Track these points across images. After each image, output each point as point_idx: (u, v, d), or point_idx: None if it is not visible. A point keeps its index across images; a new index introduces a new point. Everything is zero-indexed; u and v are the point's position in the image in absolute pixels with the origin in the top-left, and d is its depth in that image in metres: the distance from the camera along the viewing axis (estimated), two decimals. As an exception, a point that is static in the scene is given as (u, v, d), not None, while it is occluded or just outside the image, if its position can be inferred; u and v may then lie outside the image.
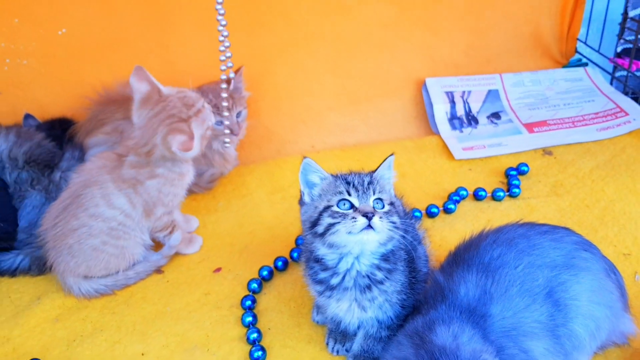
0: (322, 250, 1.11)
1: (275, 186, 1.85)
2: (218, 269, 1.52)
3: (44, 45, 1.87)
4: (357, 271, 1.11)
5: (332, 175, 1.14)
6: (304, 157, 1.13)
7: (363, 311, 1.13)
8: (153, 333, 1.34)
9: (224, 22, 1.54)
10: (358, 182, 1.10)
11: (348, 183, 1.10)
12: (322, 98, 2.08)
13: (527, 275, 1.10)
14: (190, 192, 1.76)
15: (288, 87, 2.06)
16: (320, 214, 1.09)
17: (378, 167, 1.14)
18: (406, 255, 1.17)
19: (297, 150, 2.01)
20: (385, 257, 1.12)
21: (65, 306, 1.44)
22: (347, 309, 1.14)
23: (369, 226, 1.05)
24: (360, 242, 1.08)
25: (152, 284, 1.48)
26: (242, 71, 1.78)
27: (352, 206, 1.07)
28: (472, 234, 1.22)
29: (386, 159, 1.15)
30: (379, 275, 1.12)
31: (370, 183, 1.11)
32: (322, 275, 1.13)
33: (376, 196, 1.09)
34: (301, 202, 1.15)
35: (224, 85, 1.61)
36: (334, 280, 1.12)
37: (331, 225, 1.07)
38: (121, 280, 1.48)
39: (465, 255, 1.16)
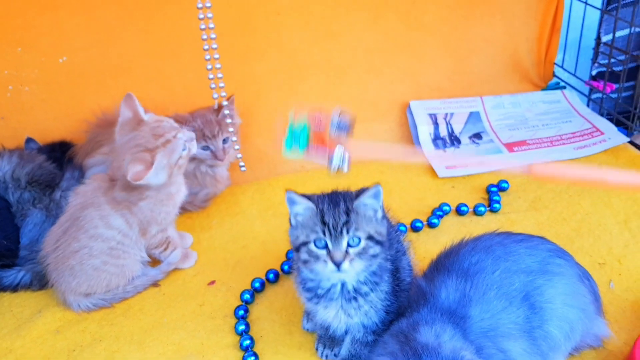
0: (305, 271, 1.17)
1: (267, 204, 1.90)
2: (212, 282, 1.57)
3: (45, 73, 1.93)
4: (343, 286, 1.17)
5: (313, 203, 1.14)
6: (287, 191, 1.15)
7: (349, 317, 1.18)
8: (150, 342, 1.38)
9: (215, 46, 1.62)
10: (333, 224, 1.10)
11: (324, 223, 1.10)
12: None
13: (504, 280, 1.16)
14: (185, 210, 1.82)
15: (279, 111, 2.12)
16: (299, 246, 1.14)
17: (361, 195, 1.13)
18: (391, 266, 1.23)
19: (288, 170, 2.07)
20: (371, 274, 1.17)
21: (65, 319, 1.48)
22: (334, 316, 1.19)
23: (338, 270, 1.10)
24: (337, 278, 1.15)
25: (149, 296, 1.53)
26: (233, 99, 1.83)
27: (326, 245, 1.11)
28: (453, 243, 1.28)
29: (370, 188, 1.13)
30: (365, 288, 1.17)
31: (345, 223, 1.10)
32: (310, 284, 1.19)
33: (352, 235, 1.10)
34: (290, 222, 1.19)
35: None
36: (321, 291, 1.18)
37: (307, 261, 1.13)
38: (119, 294, 1.52)
39: (446, 262, 1.22)
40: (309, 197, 1.14)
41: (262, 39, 2.06)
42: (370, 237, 1.11)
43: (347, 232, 1.09)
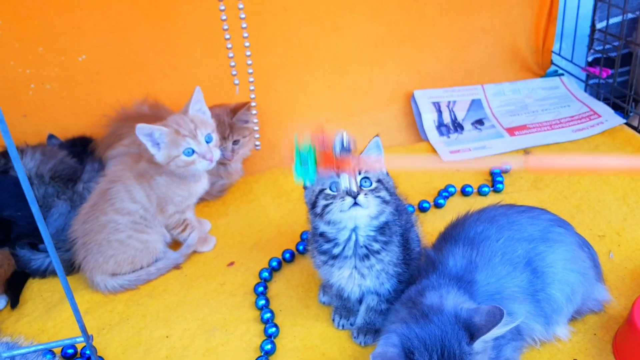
0: (322, 227, 1.24)
1: (280, 191, 1.96)
2: (231, 263, 1.63)
3: (65, 71, 2.00)
4: (356, 242, 1.23)
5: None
6: None
7: (362, 278, 1.25)
8: (175, 319, 1.44)
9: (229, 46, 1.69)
10: None
11: None
12: (320, 111, 2.21)
13: (508, 247, 1.22)
14: (202, 199, 1.89)
15: (289, 102, 2.19)
16: (317, 196, 1.20)
17: (365, 149, 1.21)
18: (401, 236, 1.29)
19: (298, 160, 2.13)
20: (381, 231, 1.23)
21: (93, 301, 1.54)
22: (348, 277, 1.25)
23: (356, 203, 1.17)
24: (352, 218, 1.20)
25: (172, 278, 1.59)
26: (248, 106, 1.88)
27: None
28: (459, 215, 1.34)
29: (371, 141, 1.22)
30: (376, 246, 1.23)
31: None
32: (326, 246, 1.25)
33: (362, 175, 1.18)
34: (304, 187, 1.26)
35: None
36: (336, 250, 1.24)
37: (326, 206, 1.19)
38: (143, 275, 1.59)
39: (453, 232, 1.28)
40: None
41: (270, 34, 2.12)
42: (379, 181, 1.19)
43: (359, 173, 1.17)
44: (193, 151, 1.53)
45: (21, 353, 0.54)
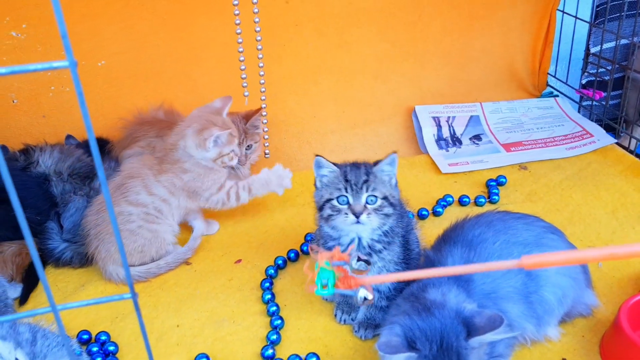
0: (326, 229, 1.29)
1: (285, 196, 2.00)
2: (239, 261, 1.68)
3: (85, 75, 2.06)
4: (359, 244, 1.29)
5: (338, 168, 1.29)
6: (316, 156, 1.30)
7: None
8: (186, 310, 1.49)
9: (242, 59, 1.76)
10: (354, 182, 1.24)
11: (347, 181, 1.25)
12: (325, 122, 2.27)
13: (504, 250, 1.27)
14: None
15: (295, 113, 2.25)
16: (324, 203, 1.27)
17: (379, 162, 1.28)
18: (402, 237, 1.35)
19: (302, 167, 2.18)
20: (384, 234, 1.29)
21: (107, 291, 1.59)
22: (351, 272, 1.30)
23: (358, 222, 1.23)
24: (354, 231, 1.27)
25: (182, 272, 1.64)
26: (261, 112, 1.95)
27: (347, 201, 1.25)
28: (458, 219, 1.40)
29: (387, 156, 1.28)
30: (378, 246, 1.29)
31: (365, 182, 1.24)
32: (331, 243, 1.30)
33: (369, 193, 1.24)
34: (315, 185, 1.32)
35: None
36: (340, 248, 1.29)
37: (330, 215, 1.25)
38: (153, 269, 1.63)
39: (452, 235, 1.34)
40: (333, 163, 1.28)
41: (281, 47, 2.19)
42: (385, 198, 1.24)
43: (366, 190, 1.23)
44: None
45: (74, 306, 0.59)
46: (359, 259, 1.01)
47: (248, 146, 1.94)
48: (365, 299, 0.98)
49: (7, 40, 1.95)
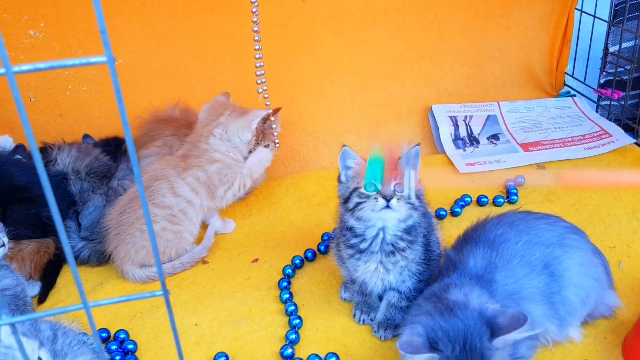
0: (351, 222, 1.28)
1: (301, 195, 2.01)
2: (256, 260, 1.68)
3: (102, 74, 2.07)
4: (383, 239, 1.28)
5: (364, 160, 1.27)
6: (343, 145, 1.30)
7: (387, 273, 1.29)
8: (204, 309, 1.49)
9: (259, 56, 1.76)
10: None
11: None
12: (341, 122, 2.26)
13: (526, 250, 1.26)
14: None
15: (311, 112, 2.25)
16: (351, 193, 1.26)
17: (404, 155, 1.27)
18: (424, 237, 1.34)
19: (318, 166, 2.18)
20: (407, 231, 1.28)
21: (125, 290, 1.59)
22: (373, 270, 1.29)
23: (388, 206, 1.22)
24: (382, 219, 1.25)
25: (199, 271, 1.64)
26: (279, 113, 1.94)
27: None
28: (479, 219, 1.39)
29: (412, 148, 1.27)
30: (402, 244, 1.28)
31: None
32: (353, 240, 1.30)
33: (397, 181, 1.24)
34: (339, 180, 1.31)
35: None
36: (363, 245, 1.29)
37: (358, 203, 1.24)
38: (168, 269, 1.63)
39: (473, 234, 1.32)
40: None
41: (297, 46, 2.19)
42: None
43: (395, 178, 1.22)
44: None
45: (106, 303, 0.59)
46: None
47: (265, 146, 1.94)
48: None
49: (25, 39, 1.96)
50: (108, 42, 0.47)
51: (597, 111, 2.41)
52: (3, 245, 1.49)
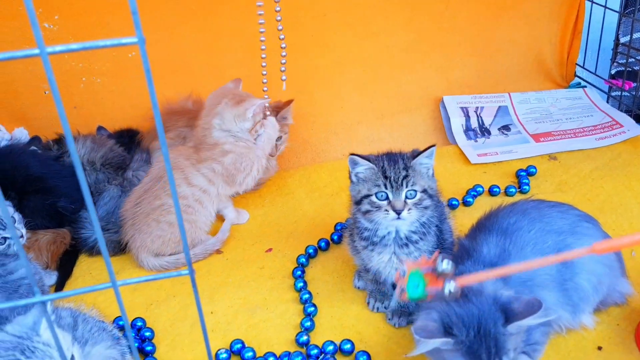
0: (362, 221, 1.30)
1: (313, 187, 2.03)
2: (269, 249, 1.69)
3: (115, 66, 2.09)
4: (396, 235, 1.29)
5: (374, 163, 1.26)
6: (350, 155, 1.28)
7: (400, 263, 1.30)
8: (219, 298, 1.51)
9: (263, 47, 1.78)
10: (394, 178, 1.23)
11: (386, 177, 1.24)
12: (352, 113, 2.27)
13: (539, 238, 1.27)
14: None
15: (322, 104, 2.26)
16: (362, 198, 1.26)
17: (419, 155, 1.26)
18: (437, 226, 1.35)
19: (330, 157, 2.19)
20: (420, 225, 1.29)
21: (140, 279, 1.61)
22: (387, 261, 1.31)
23: (398, 218, 1.23)
24: (394, 226, 1.28)
25: (214, 261, 1.66)
26: (291, 105, 1.96)
27: (387, 197, 1.24)
28: (492, 208, 1.40)
29: (428, 148, 1.27)
30: (415, 237, 1.29)
31: (405, 177, 1.23)
32: (366, 233, 1.31)
33: (409, 188, 1.23)
34: (350, 179, 1.31)
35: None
36: (376, 239, 1.30)
37: (369, 211, 1.25)
38: (182, 259, 1.65)
39: (486, 223, 1.33)
40: (368, 159, 1.26)
41: (308, 37, 2.20)
42: (424, 191, 1.24)
43: (406, 186, 1.22)
44: None
45: (133, 282, 0.61)
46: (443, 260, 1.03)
47: (278, 137, 1.95)
48: (450, 292, 1.02)
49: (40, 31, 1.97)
50: (139, 23, 0.49)
51: (608, 102, 2.40)
52: (22, 236, 1.51)
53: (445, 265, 1.02)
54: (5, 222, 1.46)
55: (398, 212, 1.21)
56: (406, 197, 1.22)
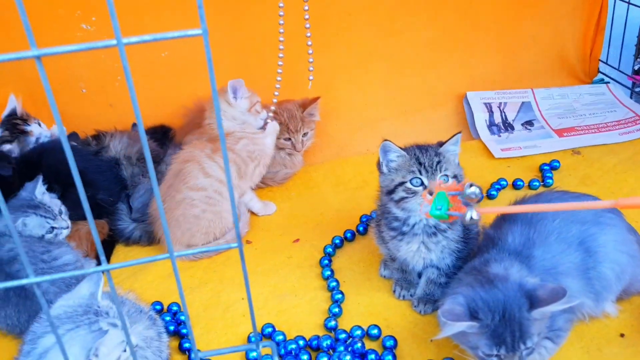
0: (395, 210, 1.32)
1: (338, 180, 2.05)
2: (297, 240, 1.73)
3: (149, 65, 2.14)
4: (425, 224, 1.31)
5: (406, 152, 1.30)
6: (384, 140, 1.31)
7: (428, 252, 1.32)
8: (250, 285, 1.54)
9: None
10: (428, 163, 1.26)
11: (420, 164, 1.26)
12: (376, 109, 2.29)
13: (563, 227, 1.28)
14: (267, 185, 2.00)
15: (347, 100, 2.28)
16: (396, 187, 1.28)
17: (446, 142, 1.30)
18: (464, 211, 1.36)
19: (354, 152, 2.21)
20: None
21: (172, 267, 1.65)
22: (415, 250, 1.33)
23: None
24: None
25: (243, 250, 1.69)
26: (318, 102, 1.99)
27: (422, 183, 1.26)
28: (517, 198, 1.41)
29: (453, 136, 1.30)
30: (443, 225, 1.31)
31: (438, 163, 1.26)
32: (395, 224, 1.33)
33: (442, 173, 1.26)
34: (380, 170, 1.34)
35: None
36: (405, 228, 1.32)
37: (404, 198, 1.27)
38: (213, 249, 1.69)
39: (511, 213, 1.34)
40: (401, 148, 1.29)
41: (333, 36, 2.22)
42: (455, 177, 1.26)
43: (440, 170, 1.24)
44: None
45: (187, 253, 0.64)
46: (471, 186, 1.05)
47: (304, 133, 1.99)
48: (472, 218, 1.04)
49: (78, 32, 2.04)
50: (204, 16, 0.52)
51: (631, 97, 2.38)
52: (67, 227, 1.57)
53: (473, 189, 1.03)
54: (55, 213, 1.52)
55: None
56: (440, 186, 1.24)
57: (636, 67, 2.41)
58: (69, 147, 0.54)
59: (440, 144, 1.29)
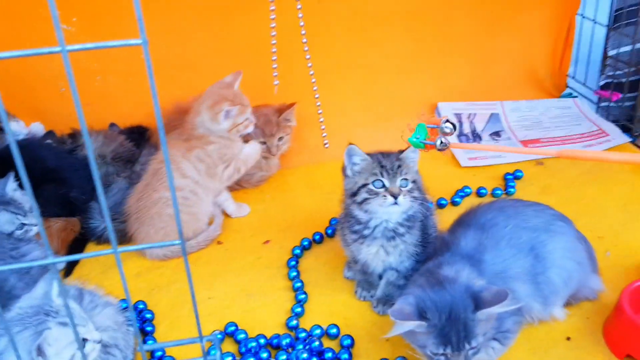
0: (357, 213, 1.37)
1: (312, 184, 2.10)
2: (267, 241, 1.77)
3: (128, 66, 2.15)
4: (385, 227, 1.36)
5: (370, 157, 1.37)
6: (349, 144, 1.38)
7: (387, 255, 1.38)
8: (217, 284, 1.59)
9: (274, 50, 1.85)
10: (389, 167, 1.33)
11: (382, 167, 1.33)
12: (351, 116, 2.34)
13: (514, 234, 1.34)
14: (242, 187, 2.04)
15: (323, 107, 2.31)
16: (359, 188, 1.34)
17: (405, 150, 1.36)
18: (421, 222, 1.42)
19: (329, 157, 2.24)
20: (407, 219, 1.37)
21: (144, 266, 1.69)
22: (375, 253, 1.38)
23: (395, 202, 1.31)
24: (388, 212, 1.35)
25: (214, 251, 1.74)
26: (294, 107, 2.05)
27: (383, 185, 1.33)
28: (472, 205, 1.47)
29: (410, 146, 1.35)
30: (402, 230, 1.37)
31: (399, 167, 1.34)
32: (357, 227, 1.38)
33: (402, 177, 1.33)
34: (344, 174, 1.39)
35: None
36: (366, 232, 1.37)
37: (366, 199, 1.33)
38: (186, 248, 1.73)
39: (466, 218, 1.41)
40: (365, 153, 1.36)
41: (310, 44, 2.27)
42: (414, 182, 1.32)
43: (400, 174, 1.32)
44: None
45: (132, 249, 0.68)
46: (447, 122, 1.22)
47: (280, 138, 2.03)
48: (442, 142, 1.23)
49: (58, 32, 2.06)
50: (143, 28, 0.56)
51: (596, 112, 2.46)
52: (37, 224, 1.60)
53: (448, 124, 1.21)
54: (25, 210, 1.55)
55: (395, 197, 1.29)
56: (400, 186, 1.30)
57: (602, 83, 2.49)
58: (17, 146, 0.58)
59: (401, 152, 1.35)
